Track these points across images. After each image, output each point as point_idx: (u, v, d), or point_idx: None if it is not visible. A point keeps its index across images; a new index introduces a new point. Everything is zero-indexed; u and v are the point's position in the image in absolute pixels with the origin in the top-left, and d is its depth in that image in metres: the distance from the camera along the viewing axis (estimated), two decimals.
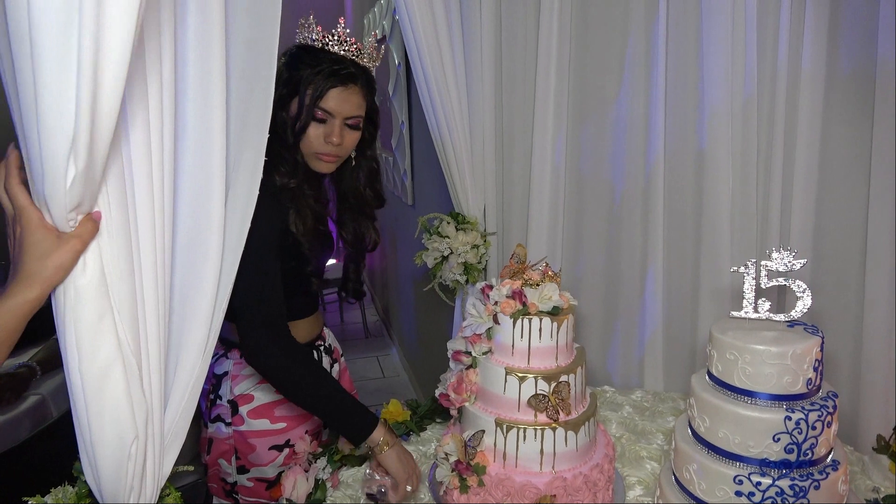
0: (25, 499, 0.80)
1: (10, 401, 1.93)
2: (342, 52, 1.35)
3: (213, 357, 1.46)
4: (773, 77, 1.57)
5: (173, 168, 0.79)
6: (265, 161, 1.01)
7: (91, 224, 0.70)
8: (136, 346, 0.76)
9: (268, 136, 0.96)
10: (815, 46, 1.50)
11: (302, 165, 1.36)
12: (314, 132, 1.32)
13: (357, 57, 1.36)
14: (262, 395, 1.46)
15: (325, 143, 1.33)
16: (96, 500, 0.79)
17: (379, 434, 1.25)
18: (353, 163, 1.47)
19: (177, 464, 0.88)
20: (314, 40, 1.34)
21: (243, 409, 1.45)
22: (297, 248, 1.36)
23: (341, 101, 1.32)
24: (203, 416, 1.53)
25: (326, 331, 1.65)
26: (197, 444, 1.57)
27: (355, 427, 1.26)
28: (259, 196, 1.01)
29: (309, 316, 1.54)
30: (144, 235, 0.76)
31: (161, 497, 0.83)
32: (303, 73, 1.30)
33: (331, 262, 1.56)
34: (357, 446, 1.30)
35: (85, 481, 0.78)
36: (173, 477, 0.89)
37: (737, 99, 1.59)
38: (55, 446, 1.87)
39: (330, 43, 1.34)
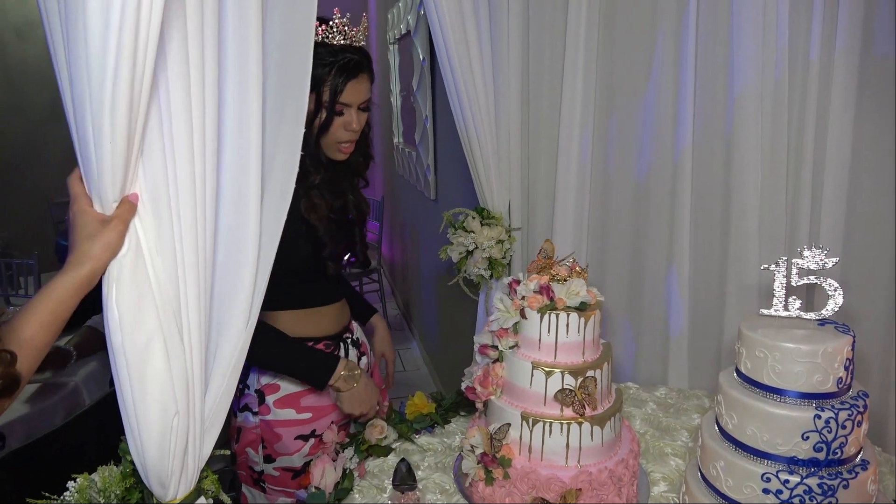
0: (74, 475, 0.83)
1: (56, 369, 2.01)
2: (343, 42, 1.40)
3: None
4: (806, 69, 1.54)
5: (216, 160, 0.82)
6: None
7: (128, 205, 0.78)
8: (178, 325, 0.79)
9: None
10: (848, 35, 1.46)
11: (322, 157, 1.43)
12: (334, 124, 1.40)
13: (355, 41, 1.42)
14: (288, 385, 1.49)
15: (346, 132, 1.42)
16: (140, 479, 0.82)
17: (334, 380, 1.44)
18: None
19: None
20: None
21: (269, 399, 1.48)
22: (312, 234, 1.42)
23: (356, 92, 1.40)
24: (233, 405, 1.56)
25: (355, 324, 1.68)
26: (226, 433, 1.61)
27: (312, 376, 1.46)
28: None
29: (333, 303, 1.57)
30: (186, 222, 0.80)
31: (199, 479, 0.85)
32: (314, 72, 1.34)
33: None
34: (321, 390, 1.48)
35: (130, 461, 0.81)
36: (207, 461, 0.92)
37: (767, 93, 1.58)
38: (88, 433, 1.92)
39: (330, 36, 1.39)
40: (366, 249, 1.66)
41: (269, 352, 1.42)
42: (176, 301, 0.79)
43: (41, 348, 0.79)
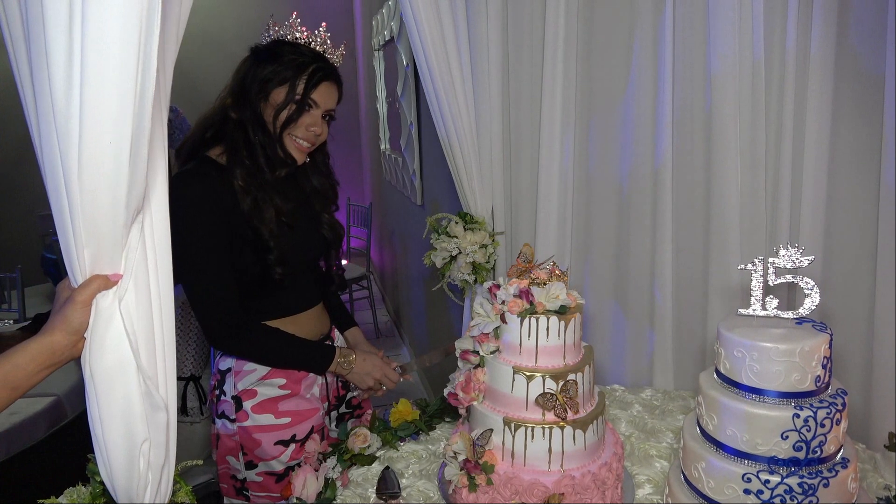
0: (41, 501, 0.82)
1: None
2: (322, 51, 1.45)
3: (217, 353, 1.54)
4: (782, 71, 1.56)
5: None
6: (209, 157, 1.34)
7: (92, 286, 0.75)
8: (151, 350, 0.78)
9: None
10: (823, 36, 1.48)
11: (280, 154, 1.43)
12: (300, 119, 1.41)
13: (331, 58, 1.47)
14: (266, 390, 1.48)
15: (308, 131, 1.42)
16: (111, 499, 0.80)
17: (333, 366, 1.54)
18: (323, 157, 1.59)
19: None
20: (297, 38, 1.43)
21: (247, 405, 1.47)
22: (258, 238, 1.40)
23: (326, 95, 1.43)
24: (212, 412, 1.55)
25: (336, 333, 1.68)
26: (209, 443, 1.60)
27: (315, 365, 1.54)
28: (192, 200, 1.29)
29: (305, 311, 1.56)
30: (161, 246, 0.79)
31: (173, 493, 0.84)
32: (292, 63, 1.39)
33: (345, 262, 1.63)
34: (323, 375, 1.58)
35: (100, 481, 0.79)
36: (184, 475, 0.90)
37: (745, 94, 1.59)
38: (70, 446, 1.89)
39: (311, 43, 1.44)
40: (341, 272, 1.70)
41: (270, 349, 1.48)
42: (150, 322, 0.79)
43: None
